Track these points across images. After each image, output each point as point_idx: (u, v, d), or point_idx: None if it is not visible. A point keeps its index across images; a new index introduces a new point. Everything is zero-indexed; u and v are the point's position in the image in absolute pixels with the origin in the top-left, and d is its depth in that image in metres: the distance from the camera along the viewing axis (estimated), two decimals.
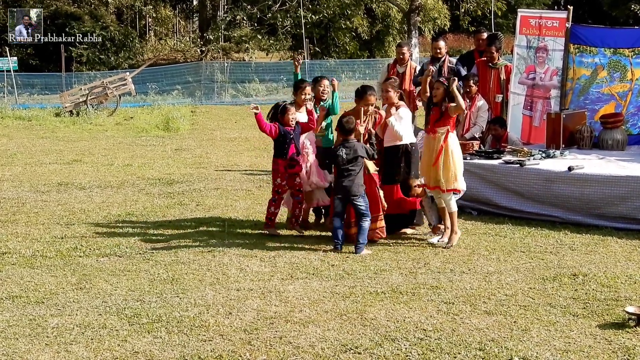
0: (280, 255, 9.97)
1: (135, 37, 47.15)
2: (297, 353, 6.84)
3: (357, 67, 39.94)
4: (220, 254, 10.04)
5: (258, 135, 22.60)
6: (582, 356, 6.73)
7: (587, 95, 13.83)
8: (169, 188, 14.58)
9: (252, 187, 14.62)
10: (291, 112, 11.07)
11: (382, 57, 43.89)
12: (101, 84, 29.68)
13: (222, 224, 11.68)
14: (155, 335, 7.27)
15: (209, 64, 40.10)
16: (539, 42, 14.02)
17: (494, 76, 14.12)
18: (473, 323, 7.52)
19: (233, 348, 6.94)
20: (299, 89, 11.39)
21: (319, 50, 45.30)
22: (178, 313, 7.84)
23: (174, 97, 33.34)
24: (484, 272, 9.22)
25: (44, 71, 39.40)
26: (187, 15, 60.78)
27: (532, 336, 7.18)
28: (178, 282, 8.91)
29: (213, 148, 20.29)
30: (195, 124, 26.12)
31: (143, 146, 20.80)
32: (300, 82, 11.46)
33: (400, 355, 6.78)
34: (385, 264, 9.62)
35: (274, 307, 8.02)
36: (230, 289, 8.62)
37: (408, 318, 7.66)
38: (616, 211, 11.11)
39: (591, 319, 7.63)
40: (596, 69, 13.70)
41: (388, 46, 46.65)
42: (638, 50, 13.44)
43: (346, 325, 7.49)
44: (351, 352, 6.85)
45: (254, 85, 36.01)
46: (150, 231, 11.34)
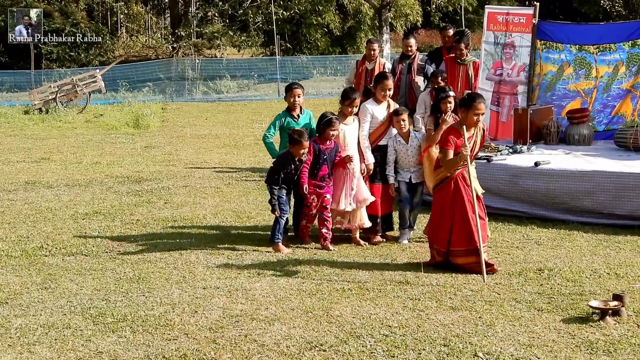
0: (247, 253, 9.96)
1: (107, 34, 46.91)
2: (262, 351, 6.84)
3: (328, 63, 39.89)
4: (187, 252, 10.01)
5: (228, 132, 22.69)
6: (546, 351, 6.77)
7: (554, 91, 13.90)
8: (137, 186, 14.52)
9: (221, 184, 14.59)
10: (335, 127, 10.19)
11: (354, 53, 43.84)
12: (71, 81, 29.51)
13: (190, 222, 11.63)
14: (120, 335, 7.25)
15: (180, 61, 40.00)
16: (506, 38, 14.06)
17: (462, 72, 14.14)
18: (438, 319, 7.55)
19: (198, 347, 6.93)
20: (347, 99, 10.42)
21: (290, 46, 45.26)
22: (143, 312, 7.82)
23: (145, 94, 33.18)
24: (450, 269, 9.23)
25: (13, 68, 39.11)
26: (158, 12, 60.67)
27: (496, 331, 7.22)
28: (144, 280, 8.88)
29: (183, 145, 20.23)
30: (165, 121, 26.02)
31: (112, 144, 20.71)
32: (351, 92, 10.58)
33: (365, 352, 6.79)
34: (352, 260, 9.64)
35: (240, 305, 8.01)
36: (197, 287, 8.60)
37: (374, 315, 7.67)
38: (582, 206, 11.18)
39: (556, 313, 7.68)
40: (562, 66, 13.78)
41: (360, 42, 46.62)
42: (603, 47, 13.54)
43: (312, 322, 7.50)
44: (316, 350, 6.85)
45: (226, 82, 35.90)
46: (117, 230, 11.30)
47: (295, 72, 38.40)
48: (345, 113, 10.47)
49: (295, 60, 40.11)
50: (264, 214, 11.97)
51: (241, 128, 23.80)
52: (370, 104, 10.59)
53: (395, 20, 46.19)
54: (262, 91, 35.91)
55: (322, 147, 10.19)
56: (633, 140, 12.43)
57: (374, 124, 10.53)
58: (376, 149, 10.59)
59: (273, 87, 35.79)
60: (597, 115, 13.71)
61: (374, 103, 10.61)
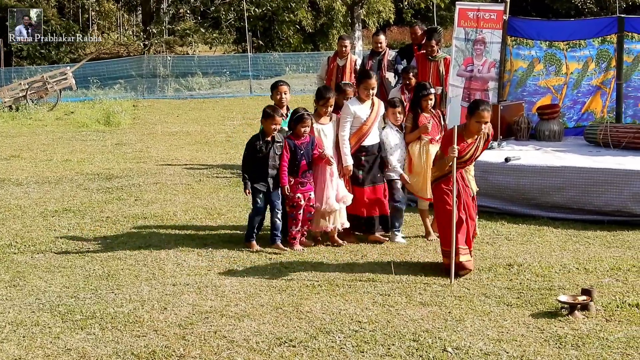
0: (217, 250, 9.93)
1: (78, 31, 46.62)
2: (231, 347, 6.82)
3: (301, 60, 39.85)
4: (157, 249, 9.97)
5: (200, 129, 22.61)
6: (515, 345, 6.79)
7: (525, 87, 13.95)
8: (107, 183, 14.45)
9: (192, 181, 14.54)
10: (306, 123, 10.02)
11: (327, 50, 43.77)
12: (41, 78, 29.34)
13: (160, 219, 11.59)
14: (89, 332, 7.21)
15: (152, 58, 39.82)
16: (477, 34, 14.07)
17: (433, 69, 14.15)
18: (408, 314, 7.56)
19: (167, 343, 6.91)
20: (322, 99, 10.30)
21: (262, 43, 45.17)
22: (112, 309, 7.78)
23: (116, 91, 33.04)
24: (420, 264, 9.26)
25: None
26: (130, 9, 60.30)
27: (466, 326, 7.24)
28: (113, 277, 8.84)
29: (154, 142, 20.15)
30: (136, 119, 25.90)
31: (83, 141, 20.59)
32: (325, 92, 10.38)
33: (334, 348, 6.78)
34: (322, 256, 9.64)
35: (210, 301, 7.99)
36: (166, 284, 8.57)
37: (343, 310, 7.67)
38: (552, 201, 11.23)
39: (525, 308, 7.71)
40: (532, 62, 13.83)
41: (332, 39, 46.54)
42: (573, 44, 13.60)
43: (281, 318, 7.49)
44: (285, 345, 6.84)
45: (197, 79, 35.81)
46: (87, 227, 11.23)
47: (267, 69, 38.34)
48: (320, 113, 10.36)
49: (267, 57, 40.01)
50: (235, 211, 11.96)
51: (213, 125, 23.73)
52: (352, 103, 10.34)
53: (367, 17, 46.14)
54: (234, 88, 35.84)
55: (297, 143, 10.05)
56: (603, 136, 12.49)
57: (356, 123, 10.25)
58: (360, 150, 10.30)
59: (245, 84, 35.73)
60: (567, 112, 13.78)
61: (357, 102, 10.34)
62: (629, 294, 8.07)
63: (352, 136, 10.27)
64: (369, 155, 10.35)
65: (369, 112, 10.32)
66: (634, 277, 8.67)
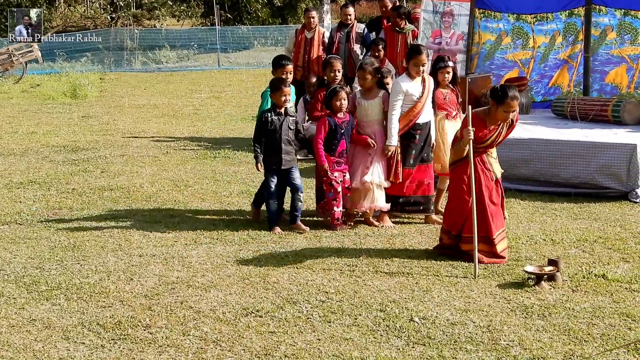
0: (184, 221, 9.89)
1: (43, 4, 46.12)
2: (197, 317, 6.79)
3: (269, 34, 39.67)
4: (123, 220, 9.91)
5: (167, 102, 22.49)
6: (481, 315, 6.81)
7: (493, 60, 13.95)
8: (73, 155, 14.32)
9: (158, 153, 14.45)
10: (340, 96, 9.51)
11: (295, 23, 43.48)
12: (7, 50, 28.99)
13: (126, 191, 11.50)
14: (54, 303, 7.16)
15: (119, 31, 39.47)
16: (445, 6, 14.04)
17: (401, 41, 14.15)
18: (375, 285, 7.56)
19: (133, 314, 6.86)
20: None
21: (230, 17, 44.84)
22: (78, 280, 7.73)
23: (83, 64, 32.73)
24: (387, 235, 9.27)
25: None
26: None
27: (433, 297, 7.24)
28: (79, 249, 8.78)
29: (121, 115, 19.98)
30: (103, 91, 25.69)
31: (49, 114, 20.39)
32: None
33: (301, 318, 6.77)
34: (290, 228, 9.59)
35: (176, 272, 7.95)
36: (133, 255, 8.52)
37: (311, 281, 7.66)
38: (519, 173, 11.24)
39: (492, 279, 7.73)
40: (500, 35, 13.82)
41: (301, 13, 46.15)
42: (540, 17, 13.60)
43: (248, 289, 7.47)
44: (252, 316, 6.82)
45: (165, 52, 35.57)
46: (52, 198, 11.14)
47: (235, 42, 38.14)
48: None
49: (235, 31, 39.77)
50: (202, 183, 11.91)
51: (180, 98, 23.59)
52: (403, 80, 9.61)
53: None
54: (201, 61, 35.63)
55: (337, 121, 9.54)
56: (570, 109, 12.54)
57: (407, 101, 9.54)
58: (413, 128, 9.64)
59: (213, 57, 35.52)
60: (534, 86, 13.81)
61: (407, 79, 9.59)
62: (595, 264, 8.12)
63: (404, 115, 9.59)
64: (422, 133, 9.74)
65: (420, 89, 9.63)
66: (600, 248, 8.72)
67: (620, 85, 13.43)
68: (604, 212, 10.28)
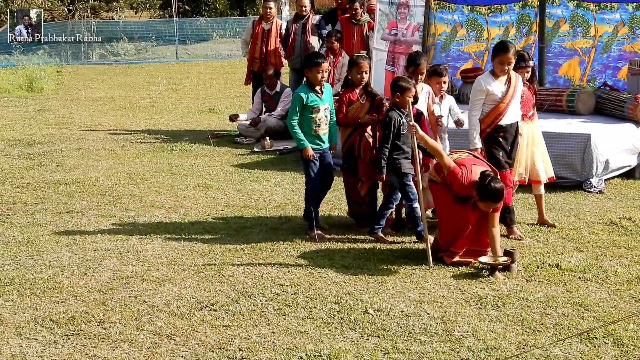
0: (140, 215, 9.84)
1: None
2: (151, 312, 6.77)
3: (228, 25, 39.51)
4: (78, 215, 9.85)
5: (124, 94, 22.36)
6: (436, 306, 6.85)
7: (448, 52, 14.00)
8: (29, 149, 14.21)
9: (115, 146, 14.37)
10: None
11: (254, 15, 43.43)
12: None
13: (82, 185, 11.42)
14: (7, 299, 7.10)
15: (77, 23, 39.15)
16: None
17: (357, 33, 14.17)
18: (330, 277, 7.57)
19: (87, 309, 6.83)
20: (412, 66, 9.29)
21: (189, 8, 44.67)
22: (31, 275, 7.67)
23: (40, 57, 32.45)
24: (343, 227, 9.27)
25: None
26: None
27: (387, 288, 7.27)
28: (33, 244, 8.71)
29: (77, 108, 19.85)
30: (60, 84, 25.50)
31: (4, 107, 20.20)
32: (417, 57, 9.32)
33: (256, 311, 6.77)
34: (246, 221, 9.59)
35: (131, 266, 7.92)
36: (87, 249, 8.47)
37: (266, 274, 7.66)
38: None
39: (446, 270, 7.78)
40: (455, 26, 13.87)
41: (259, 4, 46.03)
42: (494, 9, 13.63)
43: (203, 282, 7.45)
44: (207, 310, 6.81)
45: (123, 44, 35.36)
46: (7, 193, 11.03)
47: (194, 34, 37.97)
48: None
49: (193, 23, 39.59)
50: (158, 176, 11.86)
51: (138, 90, 23.46)
52: (485, 79, 8.90)
53: None
54: (159, 54, 35.46)
55: None
56: None
57: (489, 101, 8.80)
58: (496, 130, 8.84)
59: (171, 49, 35.35)
60: None
61: (491, 78, 8.86)
62: (549, 254, 8.19)
63: (486, 116, 8.86)
64: (507, 135, 8.91)
65: (505, 88, 8.85)
66: (554, 237, 8.79)
67: (573, 78, 13.46)
68: (558, 201, 10.36)
